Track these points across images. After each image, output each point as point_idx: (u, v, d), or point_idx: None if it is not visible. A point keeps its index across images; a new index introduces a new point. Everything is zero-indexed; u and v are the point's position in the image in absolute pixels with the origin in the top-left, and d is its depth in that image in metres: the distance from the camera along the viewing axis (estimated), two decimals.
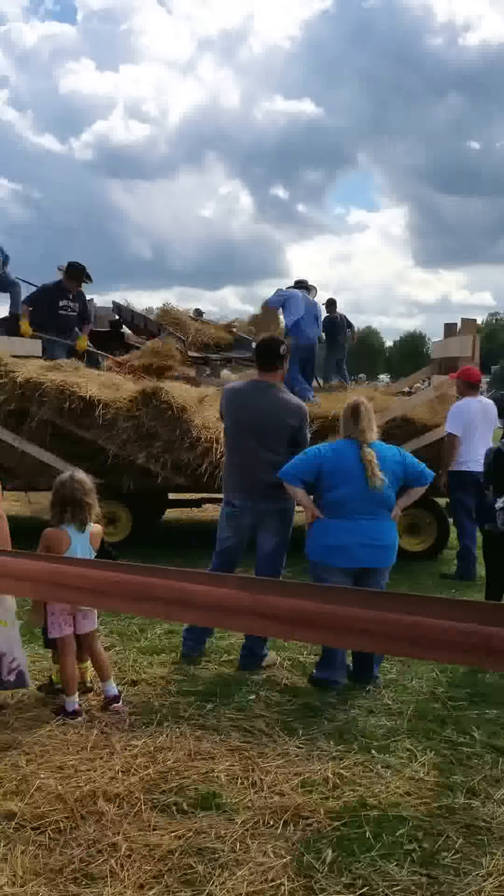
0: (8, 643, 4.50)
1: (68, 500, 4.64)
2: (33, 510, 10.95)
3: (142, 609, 3.91)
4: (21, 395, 8.11)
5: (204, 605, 3.52)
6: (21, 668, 4.56)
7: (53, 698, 4.76)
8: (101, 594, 3.76)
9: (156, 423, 7.98)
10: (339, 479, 4.91)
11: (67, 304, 10.15)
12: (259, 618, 3.44)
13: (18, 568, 4.15)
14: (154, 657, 5.53)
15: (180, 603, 3.57)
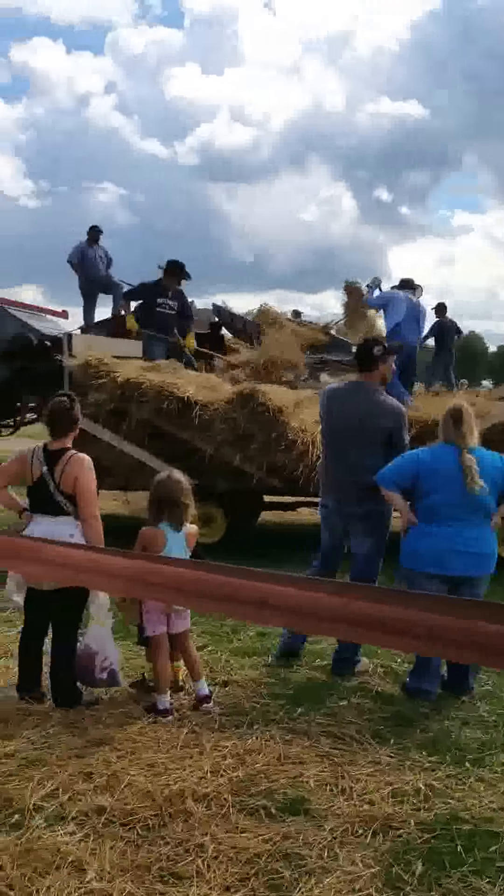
0: (100, 641, 4.57)
1: (165, 500, 4.69)
2: (131, 510, 11.15)
3: (231, 610, 3.91)
4: (121, 395, 8.26)
5: (291, 609, 3.50)
6: (113, 667, 4.62)
7: (145, 695, 4.82)
8: (193, 594, 3.78)
9: (252, 424, 8.01)
10: (436, 484, 4.81)
11: (165, 302, 10.26)
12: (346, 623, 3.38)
13: (113, 565, 4.21)
14: (245, 659, 5.54)
15: (270, 606, 3.56)
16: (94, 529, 4.63)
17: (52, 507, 4.64)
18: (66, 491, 4.61)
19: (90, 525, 4.62)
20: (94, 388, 8.37)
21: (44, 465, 4.67)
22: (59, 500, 4.61)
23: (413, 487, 4.88)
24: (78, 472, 4.62)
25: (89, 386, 8.41)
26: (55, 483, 4.62)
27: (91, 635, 4.61)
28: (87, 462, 4.69)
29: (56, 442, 4.76)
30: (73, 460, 4.65)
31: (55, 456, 4.68)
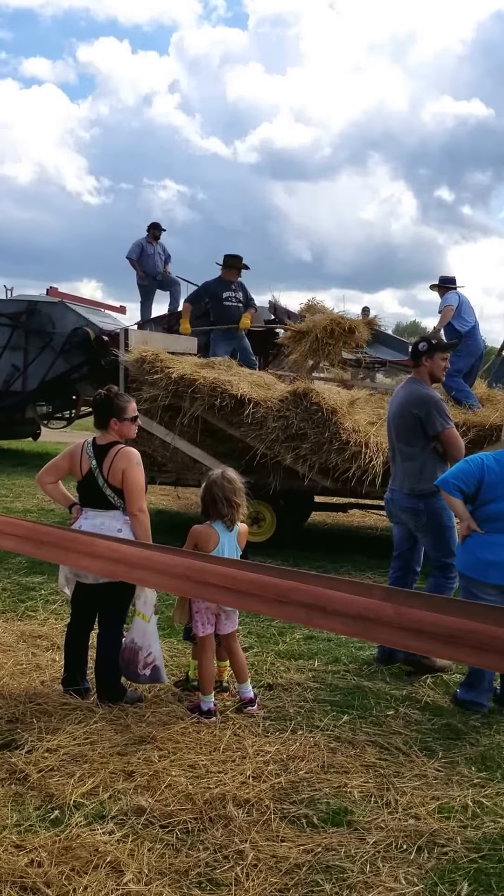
0: (145, 637, 4.54)
1: (218, 498, 4.63)
2: (181, 505, 11.17)
3: (282, 613, 3.84)
4: (174, 392, 8.24)
5: (345, 614, 3.42)
6: (157, 663, 4.59)
7: (189, 695, 4.77)
8: (243, 595, 3.72)
9: (305, 424, 7.91)
10: (501, 491, 4.66)
11: (231, 296, 10.24)
12: (400, 631, 3.30)
13: (164, 562, 4.18)
14: (291, 662, 5.46)
15: (320, 610, 3.49)
16: (142, 524, 4.60)
17: (101, 501, 4.62)
18: (114, 485, 4.59)
19: (138, 519, 4.60)
20: (148, 384, 8.35)
21: (92, 460, 4.65)
22: (108, 493, 4.59)
23: (475, 493, 4.73)
24: (126, 465, 4.60)
25: (144, 381, 8.40)
26: (104, 477, 4.60)
27: (135, 630, 4.58)
28: (135, 456, 4.66)
29: (104, 436, 4.73)
30: (121, 454, 4.63)
31: (103, 450, 4.66)
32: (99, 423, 4.79)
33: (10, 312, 16.09)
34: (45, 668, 5.06)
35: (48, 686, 4.79)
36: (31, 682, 4.83)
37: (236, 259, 10.30)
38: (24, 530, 4.49)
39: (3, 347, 15.98)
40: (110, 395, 4.78)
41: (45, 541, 4.43)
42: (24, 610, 6.32)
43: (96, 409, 4.81)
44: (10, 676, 4.86)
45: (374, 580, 7.69)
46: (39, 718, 4.31)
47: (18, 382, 15.99)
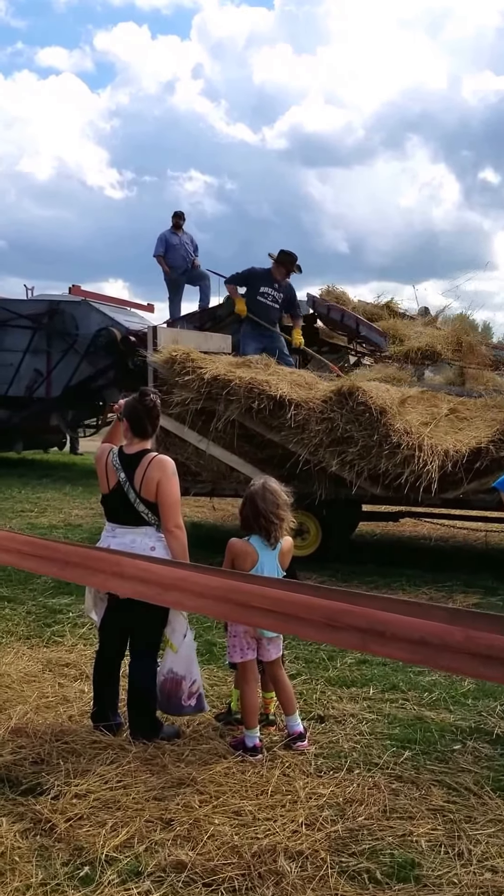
0: (186, 665, 4.34)
1: (260, 512, 4.41)
2: (217, 517, 10.99)
3: (334, 638, 3.63)
4: (208, 394, 8.06)
5: (405, 639, 3.20)
6: (200, 692, 4.40)
7: (232, 729, 4.57)
8: (289, 618, 3.52)
9: (352, 426, 7.69)
10: None
11: (269, 292, 10.01)
12: (470, 658, 3.07)
13: (200, 583, 3.99)
14: (343, 690, 5.23)
15: (378, 635, 3.28)
16: (179, 541, 4.41)
17: (132, 517, 4.43)
18: (146, 498, 4.40)
19: (174, 536, 4.41)
20: (179, 386, 8.18)
21: (120, 472, 4.46)
22: (141, 509, 4.40)
23: None
24: (160, 476, 4.40)
25: (174, 383, 8.23)
26: (135, 491, 4.41)
27: (173, 659, 4.38)
28: (170, 465, 4.46)
29: (134, 444, 4.54)
30: (155, 464, 4.43)
31: (133, 460, 4.47)
32: (137, 430, 4.57)
33: (31, 313, 16.08)
34: (73, 701, 4.88)
35: (76, 721, 4.61)
36: (58, 716, 4.66)
37: (289, 257, 10.00)
38: (47, 550, 4.32)
39: (24, 351, 15.96)
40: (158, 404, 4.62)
41: (70, 561, 4.26)
42: (50, 635, 6.17)
43: (140, 415, 4.56)
44: (35, 711, 4.69)
45: (431, 597, 7.44)
46: (67, 759, 4.12)
47: (42, 388, 15.97)
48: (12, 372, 16.03)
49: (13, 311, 16.24)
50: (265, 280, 9.98)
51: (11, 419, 16.26)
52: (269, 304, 10.00)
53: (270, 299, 9.98)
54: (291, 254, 10.01)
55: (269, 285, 9.96)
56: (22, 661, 5.50)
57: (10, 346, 16.16)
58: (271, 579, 4.00)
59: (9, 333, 16.22)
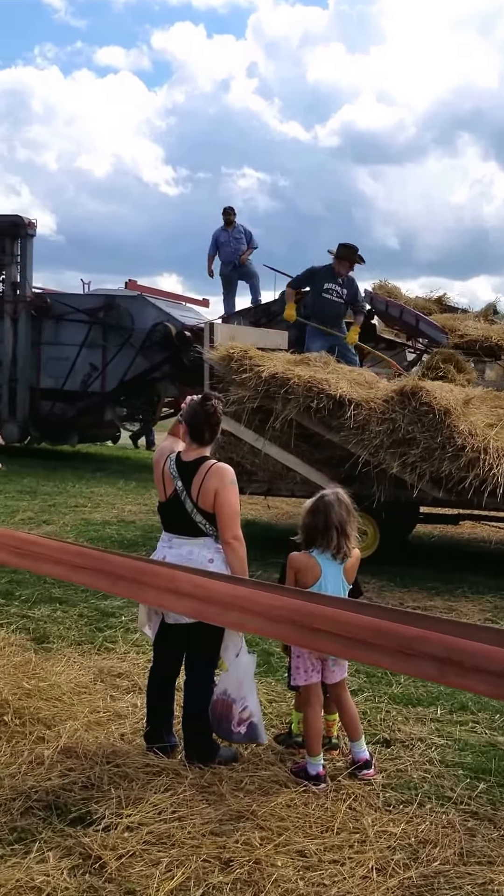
0: (238, 687, 3.99)
1: (331, 524, 4.04)
2: (272, 516, 10.65)
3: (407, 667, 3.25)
4: (265, 392, 7.70)
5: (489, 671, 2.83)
6: (253, 720, 4.03)
7: (293, 753, 4.22)
8: (358, 644, 3.15)
9: (414, 427, 7.28)
10: None
11: (333, 289, 9.63)
12: None
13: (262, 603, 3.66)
14: (409, 709, 4.85)
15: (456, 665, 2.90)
16: (237, 554, 4.07)
17: (189, 528, 4.10)
18: (204, 508, 4.06)
19: (232, 548, 4.06)
20: (236, 384, 7.84)
21: (177, 480, 4.12)
22: (198, 520, 4.07)
23: None
24: (219, 485, 4.06)
25: (231, 381, 7.89)
26: (192, 500, 4.07)
27: (228, 679, 4.05)
28: (229, 474, 4.11)
29: (192, 450, 4.20)
30: (214, 472, 4.09)
31: (191, 468, 4.13)
32: (195, 435, 4.21)
33: (88, 308, 15.89)
34: (126, 717, 4.57)
35: (129, 740, 4.30)
36: (109, 734, 4.35)
37: (350, 250, 9.64)
38: (98, 562, 4.00)
39: (80, 345, 15.79)
40: (219, 411, 4.22)
41: (121, 575, 3.93)
42: (102, 641, 5.87)
43: (201, 421, 4.19)
44: (85, 728, 4.39)
45: (497, 605, 7.01)
46: (118, 784, 3.80)
47: (97, 382, 15.77)
48: (68, 366, 15.87)
49: (70, 306, 16.08)
50: (328, 276, 9.62)
51: (67, 413, 16.11)
52: (334, 300, 9.65)
53: (335, 295, 9.62)
54: (352, 246, 9.62)
55: (333, 281, 9.60)
56: (73, 670, 5.20)
57: (66, 340, 16.00)
58: (339, 599, 3.65)
59: (65, 327, 16.07)
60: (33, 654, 5.47)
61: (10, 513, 10.61)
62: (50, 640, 5.87)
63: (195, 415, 4.22)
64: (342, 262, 9.60)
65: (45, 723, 4.41)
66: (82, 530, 9.65)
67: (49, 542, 4.13)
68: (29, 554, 4.11)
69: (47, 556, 4.07)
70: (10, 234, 16.46)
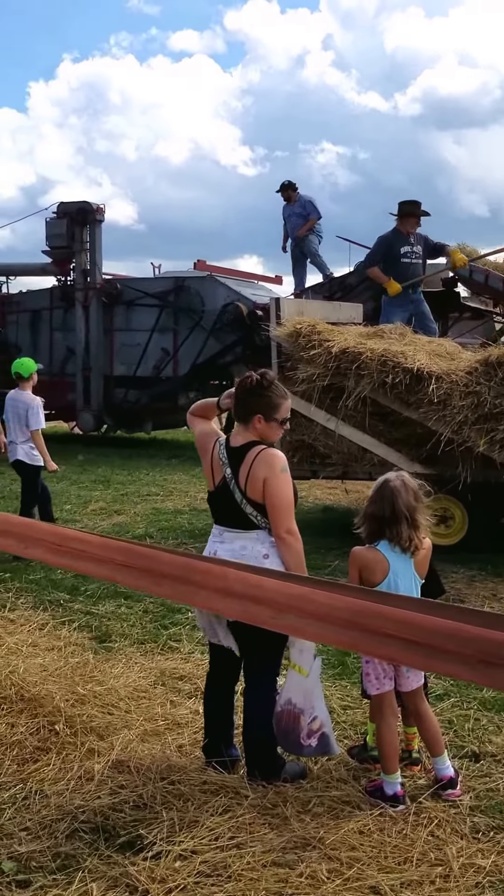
0: (307, 696, 3.61)
1: (399, 514, 3.63)
2: (351, 500, 10.21)
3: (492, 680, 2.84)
4: (336, 369, 7.27)
5: None
6: (324, 730, 3.66)
7: (368, 770, 3.83)
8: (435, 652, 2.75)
9: (501, 400, 6.75)
10: None
11: (408, 251, 9.14)
12: None
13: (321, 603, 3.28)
14: (502, 717, 4.40)
15: None
16: (292, 550, 3.68)
17: (240, 520, 3.73)
18: (253, 498, 3.68)
19: (285, 544, 3.67)
20: (304, 361, 7.42)
21: (226, 467, 3.76)
22: (248, 511, 3.69)
23: None
24: (267, 473, 3.66)
25: (299, 358, 7.49)
26: (241, 490, 3.70)
27: (292, 687, 3.67)
28: (279, 461, 3.71)
29: (239, 433, 3.83)
30: (261, 459, 3.70)
31: (239, 454, 3.76)
32: (240, 414, 3.86)
33: (158, 291, 15.68)
34: (185, 726, 4.24)
35: (186, 753, 3.97)
36: (166, 746, 4.03)
37: (414, 205, 9.17)
38: (143, 560, 3.66)
39: (151, 330, 15.62)
40: (262, 384, 3.80)
41: (167, 573, 3.59)
42: (166, 639, 5.57)
43: (240, 398, 3.84)
44: (140, 738, 4.08)
45: None
46: (172, 805, 3.47)
47: (169, 367, 15.58)
48: (140, 352, 15.73)
49: (140, 290, 15.91)
50: (399, 240, 9.15)
51: (140, 399, 15.97)
52: (413, 262, 9.20)
53: (414, 257, 9.17)
54: (412, 201, 9.18)
55: (405, 244, 9.13)
56: (132, 673, 4.91)
57: (137, 325, 15.86)
58: (411, 599, 3.24)
59: (136, 313, 15.93)
60: (92, 654, 5.20)
61: (83, 503, 10.47)
62: (112, 638, 5.60)
63: (236, 391, 3.86)
64: (407, 220, 9.14)
65: (97, 732, 4.12)
66: (153, 520, 9.41)
67: (91, 537, 3.82)
68: (69, 551, 3.80)
69: (89, 555, 3.75)
70: (79, 221, 16.39)
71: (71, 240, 16.38)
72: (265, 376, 3.83)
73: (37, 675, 4.67)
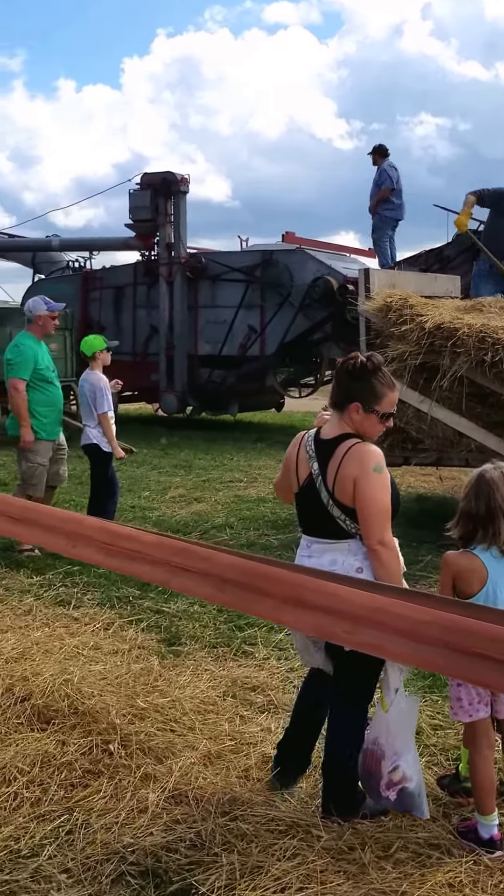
0: (389, 738, 3.16)
1: (493, 511, 3.18)
2: (447, 488, 9.69)
3: None
4: (430, 346, 6.78)
5: None
6: (408, 786, 3.12)
7: (460, 805, 3.40)
8: None
9: None
10: None
11: None
12: None
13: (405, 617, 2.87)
14: None
15: None
16: (385, 564, 3.21)
17: (328, 527, 3.31)
18: (342, 501, 3.25)
19: (377, 557, 3.21)
20: (395, 338, 6.95)
21: (313, 462, 3.33)
22: (336, 514, 3.27)
23: None
24: (358, 473, 3.22)
25: (389, 334, 7.02)
26: (328, 489, 3.29)
27: (380, 724, 3.23)
28: (374, 457, 3.25)
29: (333, 423, 3.40)
30: (353, 455, 3.25)
31: (329, 447, 3.32)
32: (336, 400, 3.40)
33: (244, 266, 15.31)
34: (255, 745, 3.88)
35: (253, 780, 3.60)
36: (231, 771, 3.66)
37: None
38: (202, 563, 3.30)
39: (237, 307, 15.26)
40: (367, 367, 3.34)
41: (230, 578, 3.22)
42: (240, 643, 5.22)
43: (339, 381, 3.40)
44: (203, 762, 3.73)
45: None
46: (233, 847, 3.11)
47: (256, 346, 15.21)
48: (225, 329, 15.41)
49: (225, 265, 15.56)
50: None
51: (226, 380, 15.65)
52: None
53: None
54: None
55: None
56: (201, 682, 4.57)
57: (222, 301, 15.53)
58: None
59: (221, 288, 15.60)
60: (158, 660, 4.89)
61: (163, 490, 10.21)
62: (181, 641, 5.27)
63: (336, 373, 3.44)
64: None
65: (155, 754, 3.78)
66: (234, 508, 9.09)
67: (146, 536, 3.46)
68: (120, 551, 3.44)
69: (143, 556, 3.39)
70: (163, 192, 16.09)
71: (155, 212, 16.09)
72: (372, 359, 3.36)
73: (94, 684, 4.38)
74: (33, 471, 7.13)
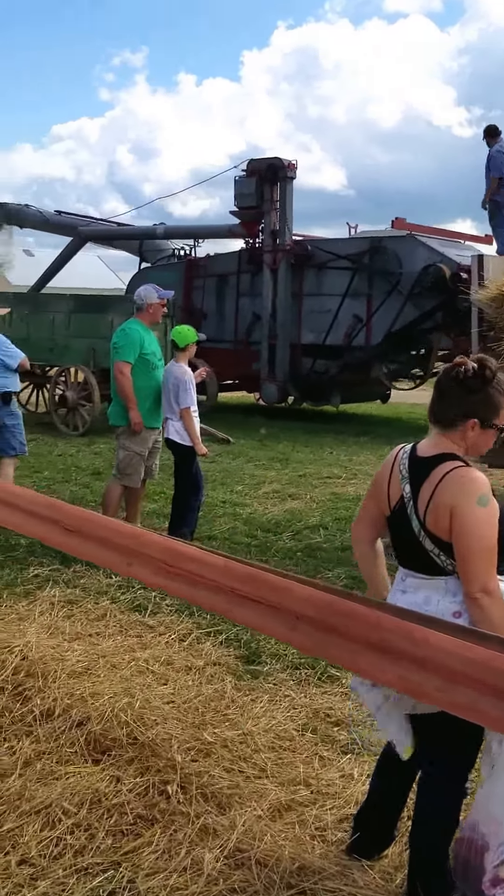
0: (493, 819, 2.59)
1: None
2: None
3: None
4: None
5: None
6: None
7: None
8: None
9: None
10: None
11: None
12: None
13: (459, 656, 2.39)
14: None
15: None
16: (488, 616, 2.61)
17: (420, 559, 2.76)
18: (435, 533, 2.69)
19: (480, 607, 2.62)
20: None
21: (405, 483, 2.78)
22: (428, 546, 2.71)
23: None
24: (456, 502, 2.63)
25: None
26: (419, 518, 2.74)
27: (482, 806, 2.65)
28: (478, 487, 2.64)
29: (433, 440, 2.83)
30: (452, 480, 2.66)
31: (426, 466, 2.75)
32: (441, 415, 2.81)
33: (352, 253, 14.73)
34: (333, 798, 3.37)
35: (327, 842, 3.09)
36: (303, 829, 3.16)
37: None
38: (271, 592, 2.82)
39: (343, 295, 14.72)
40: (485, 376, 2.73)
41: (303, 615, 2.73)
42: (326, 665, 4.68)
43: (446, 393, 2.80)
44: (271, 815, 3.24)
45: None
46: None
47: (361, 335, 14.64)
48: (330, 318, 14.87)
49: (332, 252, 15.01)
50: None
51: (329, 370, 15.13)
52: None
53: None
54: None
55: None
56: (278, 712, 4.08)
57: (328, 290, 15.01)
58: None
59: (327, 276, 15.08)
60: (233, 682, 4.42)
61: (256, 484, 9.75)
62: (261, 658, 4.79)
63: (439, 383, 2.84)
64: None
65: (218, 801, 3.32)
66: (330, 507, 8.56)
67: (212, 558, 3.01)
68: (181, 574, 3.02)
69: (206, 581, 2.95)
70: (269, 179, 15.65)
71: (260, 199, 15.67)
72: (486, 364, 2.76)
73: (158, 709, 3.94)
74: (130, 459, 6.84)
